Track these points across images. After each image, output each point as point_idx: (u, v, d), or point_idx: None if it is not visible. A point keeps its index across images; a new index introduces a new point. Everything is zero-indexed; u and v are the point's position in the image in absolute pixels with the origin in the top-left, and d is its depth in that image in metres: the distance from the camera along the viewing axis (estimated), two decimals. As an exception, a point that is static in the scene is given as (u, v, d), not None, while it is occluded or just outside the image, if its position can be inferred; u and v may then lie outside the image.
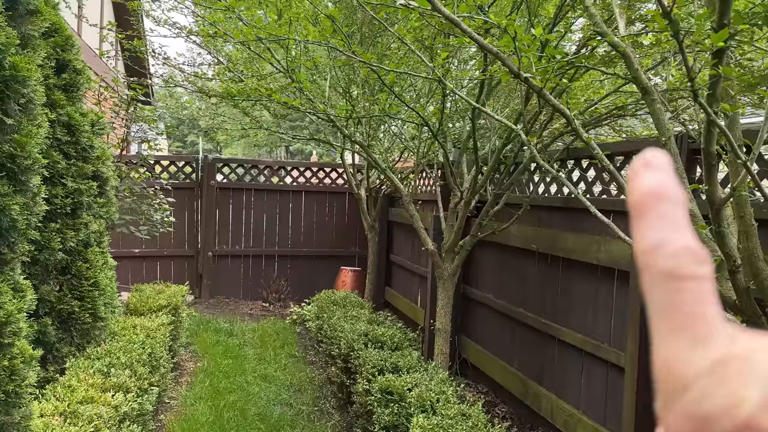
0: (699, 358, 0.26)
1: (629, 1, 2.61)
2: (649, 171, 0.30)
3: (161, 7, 5.32)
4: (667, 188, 0.29)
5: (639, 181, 0.30)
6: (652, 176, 0.29)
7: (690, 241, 0.28)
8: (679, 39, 1.31)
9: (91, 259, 3.63)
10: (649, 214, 0.29)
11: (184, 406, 4.48)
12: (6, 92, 2.28)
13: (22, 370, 2.45)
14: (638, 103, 3.95)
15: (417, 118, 4.26)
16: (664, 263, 0.27)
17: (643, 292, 0.29)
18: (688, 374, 0.26)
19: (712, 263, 0.28)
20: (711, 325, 0.27)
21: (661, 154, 0.30)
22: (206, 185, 7.66)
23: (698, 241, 0.28)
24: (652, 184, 0.29)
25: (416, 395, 3.39)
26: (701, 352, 0.26)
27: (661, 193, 0.29)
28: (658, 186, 0.29)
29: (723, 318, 0.27)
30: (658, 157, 0.30)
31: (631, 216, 0.30)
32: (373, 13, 2.62)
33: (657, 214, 0.29)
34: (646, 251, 0.28)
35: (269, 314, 7.40)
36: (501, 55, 1.75)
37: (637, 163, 0.30)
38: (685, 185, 1.94)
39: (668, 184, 0.29)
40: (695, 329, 0.26)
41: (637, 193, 0.29)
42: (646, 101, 2.02)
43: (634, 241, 0.29)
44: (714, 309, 0.27)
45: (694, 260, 0.28)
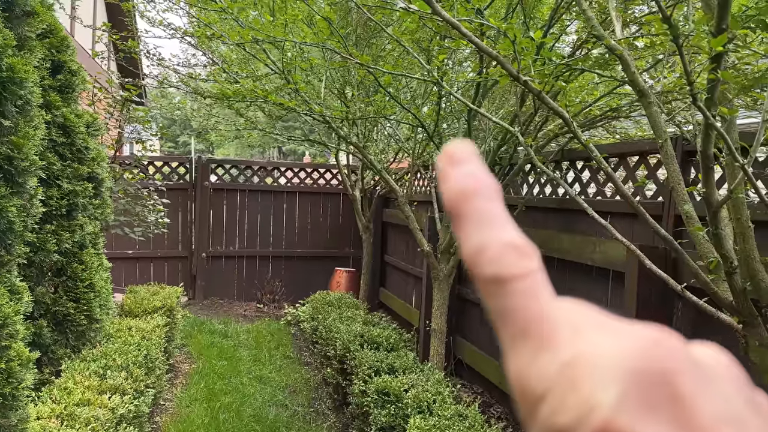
0: (546, 364, 0.24)
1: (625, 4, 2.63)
2: (456, 167, 0.28)
3: (156, 8, 5.31)
4: (477, 182, 0.27)
5: (448, 182, 0.28)
6: (459, 173, 0.27)
7: (510, 236, 0.26)
8: (679, 44, 1.33)
9: (87, 261, 3.62)
10: (466, 216, 0.27)
11: (179, 407, 4.47)
12: (3, 94, 2.27)
13: (19, 372, 2.44)
14: (632, 105, 3.98)
15: (413, 120, 4.27)
16: (488, 269, 0.26)
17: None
18: (539, 385, 0.23)
19: (537, 252, 0.26)
20: (551, 323, 0.25)
21: (464, 146, 0.28)
22: (200, 186, 7.64)
23: (518, 233, 0.27)
24: (461, 182, 0.27)
25: (413, 396, 3.40)
26: (547, 357, 0.24)
27: (471, 189, 0.27)
28: (467, 182, 0.27)
29: (562, 307, 0.25)
30: (461, 150, 0.28)
31: (451, 221, 0.27)
32: (370, 15, 2.63)
33: (473, 214, 0.27)
34: (469, 258, 0.26)
35: (263, 315, 7.40)
36: (500, 58, 1.76)
37: (442, 162, 0.28)
38: (682, 187, 1.96)
39: (477, 177, 0.27)
40: (535, 332, 0.24)
41: (448, 195, 0.27)
42: (642, 104, 2.04)
43: (461, 246, 0.27)
44: (550, 304, 0.25)
45: (518, 257, 0.26)
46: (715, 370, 0.24)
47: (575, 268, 3.80)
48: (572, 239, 3.75)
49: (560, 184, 2.41)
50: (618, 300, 3.38)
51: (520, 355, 0.25)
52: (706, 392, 0.22)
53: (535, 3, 3.77)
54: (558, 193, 4.24)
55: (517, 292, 0.25)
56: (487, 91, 4.24)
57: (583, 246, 3.62)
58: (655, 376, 0.22)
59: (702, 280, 1.82)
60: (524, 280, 0.25)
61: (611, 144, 4.20)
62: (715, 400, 0.22)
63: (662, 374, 0.22)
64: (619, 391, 0.21)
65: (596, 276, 3.62)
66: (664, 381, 0.22)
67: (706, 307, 1.87)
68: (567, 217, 3.99)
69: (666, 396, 0.21)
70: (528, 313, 0.25)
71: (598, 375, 0.22)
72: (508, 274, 0.25)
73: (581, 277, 3.77)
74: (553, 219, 4.16)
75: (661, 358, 0.22)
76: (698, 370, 0.23)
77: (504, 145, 4.15)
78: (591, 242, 3.55)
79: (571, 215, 3.94)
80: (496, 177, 4.49)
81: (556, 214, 4.15)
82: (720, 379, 0.23)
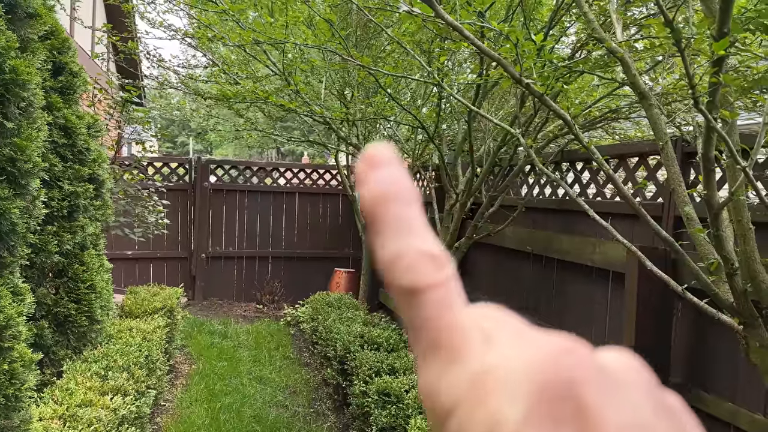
0: (455, 376, 0.23)
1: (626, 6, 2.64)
2: (375, 171, 0.26)
3: (156, 9, 5.32)
4: (395, 186, 0.26)
5: (366, 186, 0.26)
6: (377, 176, 0.26)
7: (425, 244, 0.25)
8: (681, 47, 1.34)
9: (88, 262, 3.62)
10: (382, 222, 0.26)
11: (180, 408, 4.48)
12: (6, 96, 2.27)
13: (22, 373, 2.44)
14: (631, 106, 4.00)
15: (413, 121, 4.28)
16: (402, 278, 0.25)
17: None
18: (448, 399, 0.23)
19: (450, 261, 0.25)
20: (462, 333, 0.24)
21: (384, 148, 0.27)
22: (199, 187, 7.64)
23: (434, 240, 0.26)
24: (379, 187, 0.26)
25: (413, 397, 3.41)
26: (457, 369, 0.23)
27: (389, 194, 0.26)
28: (385, 186, 0.26)
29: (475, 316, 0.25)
30: (381, 152, 0.27)
31: (366, 227, 0.26)
32: (371, 17, 2.64)
33: (390, 220, 0.26)
34: (384, 266, 0.26)
35: (263, 316, 7.40)
36: (503, 61, 1.77)
37: (361, 165, 0.27)
38: (683, 189, 1.97)
39: (396, 181, 0.26)
40: (446, 343, 0.24)
41: (365, 199, 0.26)
42: (643, 106, 2.05)
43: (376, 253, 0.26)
44: (462, 313, 0.24)
45: (432, 266, 0.25)
46: (624, 377, 0.23)
47: (575, 269, 3.82)
48: (572, 240, 3.76)
49: (561, 185, 2.43)
50: (618, 301, 3.40)
51: (430, 368, 0.24)
52: (612, 401, 0.21)
53: (534, 5, 3.78)
54: (558, 194, 4.26)
55: (431, 302, 0.24)
56: (487, 93, 4.26)
57: (582, 247, 3.63)
58: (561, 388, 0.21)
59: (703, 282, 1.83)
60: (438, 289, 0.25)
61: (611, 145, 4.22)
62: (622, 409, 0.22)
63: (568, 386, 0.21)
64: (526, 406, 0.21)
65: (596, 277, 3.63)
66: (569, 393, 0.21)
67: (707, 309, 1.89)
68: (566, 218, 4.01)
69: (571, 408, 0.21)
70: (440, 323, 0.24)
71: (506, 388, 0.22)
72: (423, 283, 0.25)
73: (581, 278, 3.78)
74: (553, 220, 4.18)
75: (567, 369, 0.22)
76: (605, 378, 0.22)
77: (504, 146, 4.16)
78: (591, 243, 3.56)
79: (570, 216, 3.95)
80: (496, 178, 4.51)
81: (555, 215, 4.16)
82: (628, 386, 0.23)
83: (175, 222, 7.46)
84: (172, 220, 7.10)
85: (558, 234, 3.98)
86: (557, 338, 0.23)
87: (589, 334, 3.69)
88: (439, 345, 0.24)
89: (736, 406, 2.67)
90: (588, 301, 3.72)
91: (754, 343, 1.77)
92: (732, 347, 2.70)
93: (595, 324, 3.65)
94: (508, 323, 0.25)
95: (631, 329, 3.02)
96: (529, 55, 1.88)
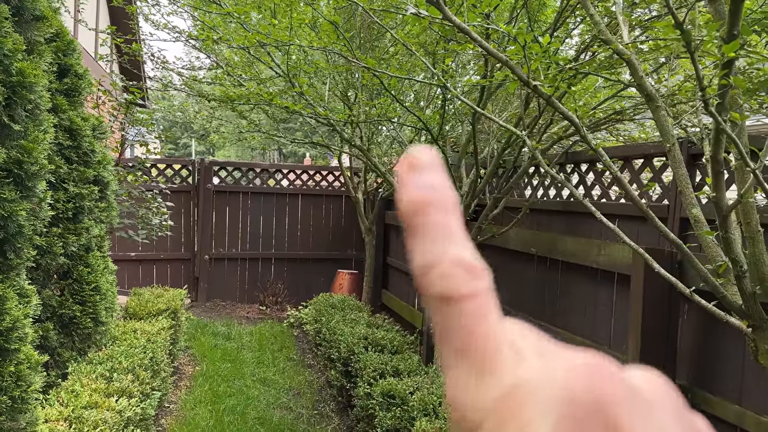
0: (487, 389, 0.23)
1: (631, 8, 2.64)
2: (415, 175, 0.26)
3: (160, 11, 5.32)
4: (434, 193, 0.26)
5: (405, 190, 0.26)
6: (417, 181, 0.26)
7: (461, 253, 0.25)
8: (691, 49, 1.34)
9: (92, 264, 3.62)
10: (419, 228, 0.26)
11: (184, 410, 4.48)
12: (13, 98, 2.28)
13: (29, 375, 2.44)
14: (636, 108, 3.99)
15: (417, 122, 4.28)
16: (436, 287, 0.25)
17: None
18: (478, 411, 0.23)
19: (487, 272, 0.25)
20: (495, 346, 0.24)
21: (427, 151, 0.27)
22: (203, 188, 7.65)
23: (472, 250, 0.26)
24: (418, 192, 0.26)
25: (418, 399, 3.41)
26: (489, 382, 0.23)
27: (427, 200, 0.26)
28: (426, 192, 0.26)
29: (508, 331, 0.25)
30: (423, 156, 0.27)
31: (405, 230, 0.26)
32: (377, 20, 2.64)
33: (426, 227, 0.26)
34: (419, 272, 0.25)
35: (266, 317, 7.40)
36: (511, 63, 1.77)
37: (402, 167, 0.27)
38: (690, 191, 1.97)
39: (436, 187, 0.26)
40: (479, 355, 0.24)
41: (405, 204, 0.26)
42: (650, 107, 2.05)
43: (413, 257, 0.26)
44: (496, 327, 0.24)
45: (468, 276, 0.25)
46: (653, 397, 0.23)
47: (580, 270, 3.81)
48: (577, 242, 3.76)
49: (567, 187, 2.42)
50: (623, 303, 3.39)
51: (460, 377, 0.24)
52: (642, 423, 0.21)
53: (539, 6, 3.78)
54: (562, 196, 4.25)
55: (465, 313, 0.24)
56: (491, 94, 4.26)
57: (588, 249, 3.63)
58: (592, 407, 0.21)
59: (711, 284, 1.83)
60: (473, 300, 0.25)
61: (616, 147, 4.21)
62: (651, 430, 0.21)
63: (599, 405, 0.21)
64: (556, 422, 0.21)
65: (601, 279, 3.63)
66: (599, 411, 0.21)
67: (716, 311, 1.88)
68: (571, 219, 4.00)
69: (601, 427, 0.21)
70: (473, 333, 0.24)
71: (538, 403, 0.22)
72: (458, 293, 0.24)
73: (586, 280, 3.77)
74: (557, 221, 4.17)
75: (597, 387, 0.22)
76: (635, 398, 0.22)
77: (508, 147, 4.16)
78: (596, 245, 3.55)
79: (574, 218, 3.95)
80: (500, 179, 4.50)
81: (560, 216, 4.16)
82: (657, 407, 0.23)
83: (179, 224, 7.46)
84: (176, 221, 7.11)
85: (562, 236, 3.98)
86: (587, 355, 0.23)
87: (594, 336, 3.69)
88: (470, 355, 0.24)
89: (742, 408, 2.66)
90: (593, 303, 3.71)
91: (763, 346, 1.77)
92: (738, 349, 2.69)
93: (600, 326, 3.64)
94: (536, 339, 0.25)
95: (637, 331, 3.02)
96: (537, 57, 1.88)
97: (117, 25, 6.88)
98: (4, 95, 2.25)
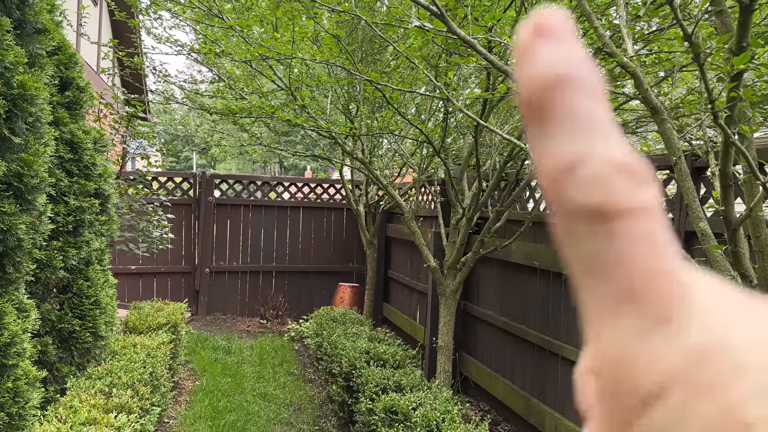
0: (666, 347, 0.17)
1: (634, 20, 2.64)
2: (546, 44, 0.19)
3: (162, 24, 5.34)
4: (576, 69, 0.19)
5: (532, 63, 0.19)
6: (550, 52, 0.19)
7: (619, 151, 0.19)
8: (700, 62, 1.32)
9: (93, 278, 3.60)
10: (555, 114, 0.19)
11: (183, 425, 4.43)
12: (14, 111, 2.27)
13: (26, 391, 2.41)
14: (639, 121, 3.99)
15: (419, 135, 4.27)
16: (584, 194, 0.18)
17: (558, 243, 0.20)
18: (653, 375, 0.17)
19: (657, 181, 0.19)
20: (676, 290, 0.18)
21: (559, 14, 0.20)
22: (204, 201, 7.63)
23: (629, 148, 0.19)
24: (553, 66, 0.19)
25: (421, 415, 3.36)
26: (668, 338, 0.17)
27: (568, 77, 0.19)
28: (563, 66, 0.19)
29: (686, 269, 0.18)
30: (555, 19, 0.20)
31: (525, 120, 0.20)
32: (381, 34, 2.64)
33: (565, 112, 0.19)
34: (555, 175, 0.19)
35: (267, 331, 7.35)
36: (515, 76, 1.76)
37: (526, 34, 0.20)
38: (698, 205, 1.95)
39: (576, 62, 0.19)
40: (653, 299, 0.18)
41: (530, 81, 0.19)
42: (655, 120, 2.03)
43: (536, 158, 0.20)
44: (671, 261, 0.18)
45: (633, 183, 0.18)
46: None
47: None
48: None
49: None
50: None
51: (623, 327, 0.18)
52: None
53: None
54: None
55: (629, 236, 0.18)
56: (493, 107, 4.25)
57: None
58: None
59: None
60: (640, 218, 0.18)
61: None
62: None
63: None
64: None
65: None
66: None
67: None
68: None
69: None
70: (643, 268, 0.18)
71: (748, 377, 0.16)
72: (618, 206, 0.18)
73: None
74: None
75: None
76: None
77: (510, 160, 4.14)
78: (600, 258, 3.53)
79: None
80: (503, 192, 4.49)
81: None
82: None
83: (179, 237, 7.45)
84: (176, 234, 7.09)
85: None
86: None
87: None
88: (639, 298, 0.18)
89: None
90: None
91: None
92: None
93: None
94: (732, 291, 0.19)
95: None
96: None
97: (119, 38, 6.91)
98: (5, 108, 2.24)
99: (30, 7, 2.50)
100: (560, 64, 0.19)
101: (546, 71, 0.19)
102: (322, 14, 4.39)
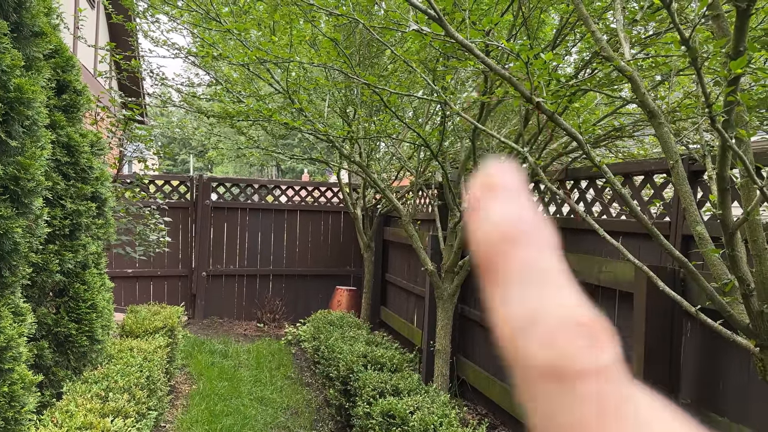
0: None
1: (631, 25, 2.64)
2: (496, 201, 0.20)
3: (160, 28, 5.33)
4: (526, 225, 0.20)
5: (485, 220, 0.20)
6: (500, 210, 0.20)
7: (575, 307, 0.19)
8: (698, 66, 1.33)
9: (89, 281, 3.58)
10: (506, 270, 0.19)
11: (180, 430, 4.41)
12: (10, 114, 2.26)
13: (22, 396, 2.40)
14: (635, 125, 3.99)
15: (417, 138, 4.27)
16: (539, 355, 0.18)
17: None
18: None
19: (613, 339, 0.19)
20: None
21: (507, 169, 0.20)
22: (201, 205, 7.62)
23: (581, 300, 0.19)
24: (503, 223, 0.19)
25: (419, 419, 3.36)
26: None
27: (517, 233, 0.19)
28: (513, 224, 0.19)
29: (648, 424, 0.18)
30: (503, 175, 0.20)
31: (481, 273, 0.20)
32: (379, 38, 2.64)
33: (517, 269, 0.19)
34: (509, 331, 0.18)
35: (264, 335, 7.34)
36: (513, 80, 1.76)
37: (478, 189, 0.20)
38: (695, 208, 1.95)
39: (524, 217, 0.20)
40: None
41: (483, 238, 0.19)
42: (652, 124, 2.04)
43: (492, 313, 0.19)
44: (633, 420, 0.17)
45: (586, 342, 0.18)
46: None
47: (581, 287, 3.77)
48: (579, 259, 3.73)
49: (570, 204, 2.40)
50: (624, 320, 3.36)
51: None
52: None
53: (538, 24, 3.79)
54: (562, 212, 4.23)
55: (586, 398, 0.17)
56: (490, 111, 4.26)
57: (589, 265, 3.60)
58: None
59: (718, 302, 1.80)
60: (596, 379, 0.17)
61: (616, 163, 4.20)
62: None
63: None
64: None
65: (602, 296, 3.60)
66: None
67: (722, 330, 1.85)
68: (571, 236, 3.98)
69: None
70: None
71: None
72: (573, 368, 0.17)
73: (587, 296, 3.74)
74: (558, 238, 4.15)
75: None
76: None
77: (508, 164, 4.15)
78: (597, 262, 3.53)
79: (575, 234, 3.92)
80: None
81: (560, 233, 4.12)
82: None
83: (176, 240, 7.43)
84: (173, 238, 7.08)
85: (563, 252, 3.95)
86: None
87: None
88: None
89: (747, 428, 2.62)
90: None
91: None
92: (743, 367, 2.65)
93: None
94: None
95: (640, 348, 2.98)
96: (540, 74, 1.87)
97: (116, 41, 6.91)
98: (2, 111, 2.24)
99: (27, 10, 2.50)
100: (509, 221, 0.20)
101: (496, 229, 0.19)
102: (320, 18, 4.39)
